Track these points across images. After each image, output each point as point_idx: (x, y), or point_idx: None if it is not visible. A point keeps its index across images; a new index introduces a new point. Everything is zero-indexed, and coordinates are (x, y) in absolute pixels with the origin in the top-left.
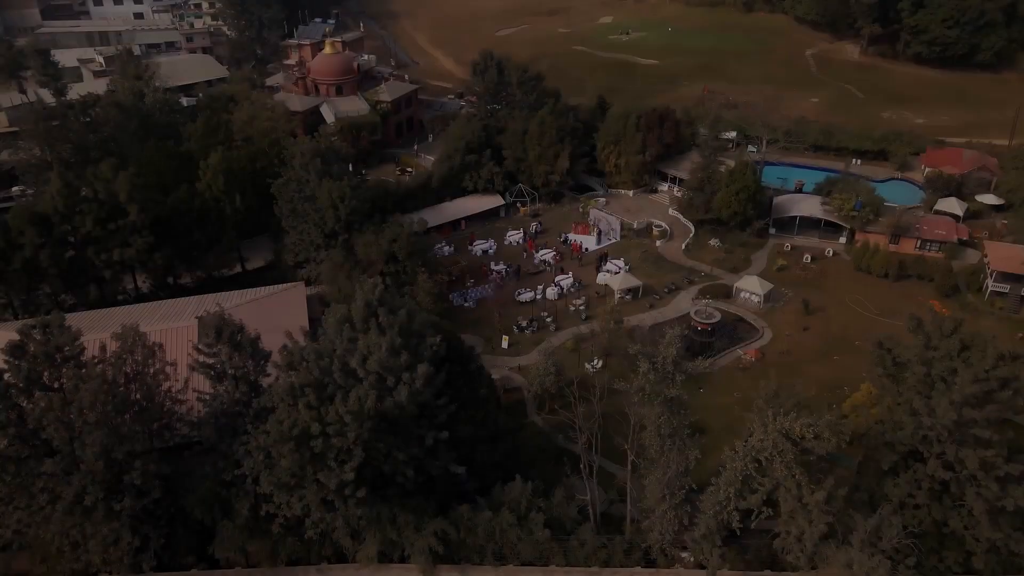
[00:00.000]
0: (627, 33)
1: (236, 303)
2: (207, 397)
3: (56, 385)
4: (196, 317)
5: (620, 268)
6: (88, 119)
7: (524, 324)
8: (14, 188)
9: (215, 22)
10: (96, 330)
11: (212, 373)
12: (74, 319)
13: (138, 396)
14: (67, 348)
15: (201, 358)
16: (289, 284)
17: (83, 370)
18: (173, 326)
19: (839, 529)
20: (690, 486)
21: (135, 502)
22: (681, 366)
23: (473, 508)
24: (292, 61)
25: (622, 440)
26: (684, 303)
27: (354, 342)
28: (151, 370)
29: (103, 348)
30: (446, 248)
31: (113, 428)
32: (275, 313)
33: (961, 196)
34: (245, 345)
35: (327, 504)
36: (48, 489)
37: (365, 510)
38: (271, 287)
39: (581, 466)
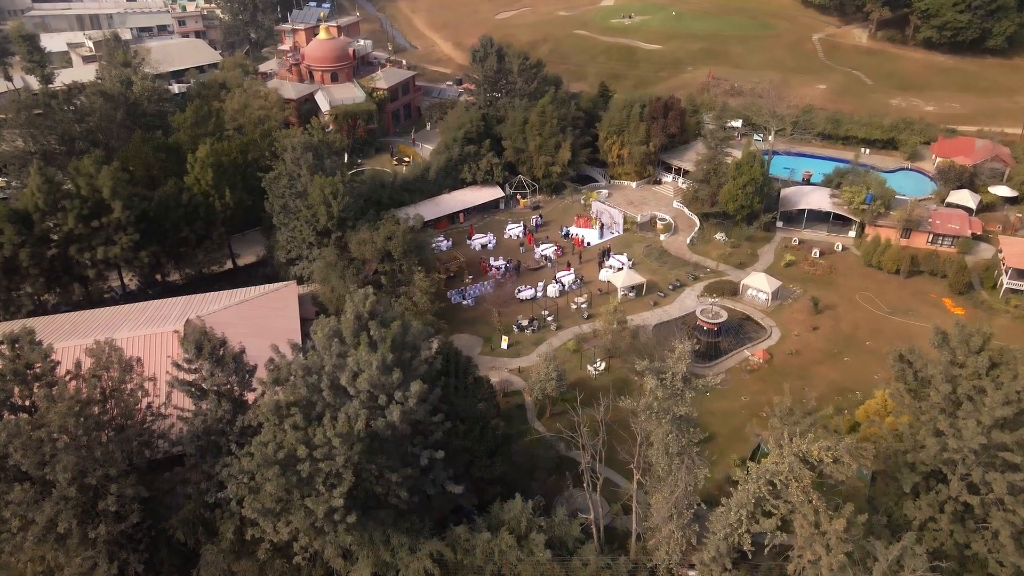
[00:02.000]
0: (630, 17)
1: (225, 304)
2: (188, 415)
3: (27, 403)
4: (174, 331)
5: (623, 264)
6: (73, 108)
7: (524, 323)
8: None
9: (208, 5)
10: (77, 335)
11: (193, 390)
12: (55, 321)
13: (115, 414)
14: (38, 365)
15: (181, 375)
16: (280, 284)
17: (55, 388)
18: (156, 331)
19: (858, 555)
20: (699, 503)
21: (112, 527)
22: (691, 382)
23: (471, 528)
24: (286, 46)
25: (627, 456)
26: (689, 301)
27: (344, 357)
28: (128, 387)
29: (78, 364)
30: (444, 243)
31: (88, 450)
32: (265, 314)
33: (974, 188)
34: (228, 360)
35: (316, 529)
36: (19, 514)
37: (357, 534)
38: (261, 287)
39: (584, 483)
